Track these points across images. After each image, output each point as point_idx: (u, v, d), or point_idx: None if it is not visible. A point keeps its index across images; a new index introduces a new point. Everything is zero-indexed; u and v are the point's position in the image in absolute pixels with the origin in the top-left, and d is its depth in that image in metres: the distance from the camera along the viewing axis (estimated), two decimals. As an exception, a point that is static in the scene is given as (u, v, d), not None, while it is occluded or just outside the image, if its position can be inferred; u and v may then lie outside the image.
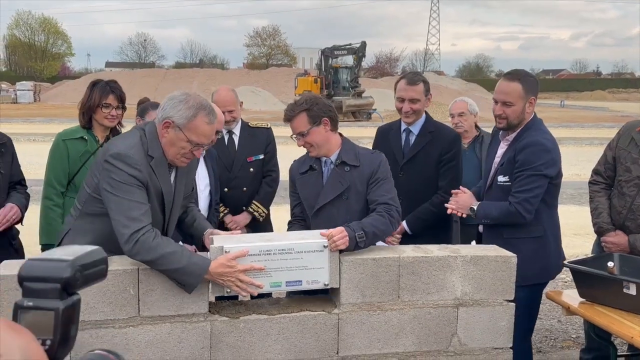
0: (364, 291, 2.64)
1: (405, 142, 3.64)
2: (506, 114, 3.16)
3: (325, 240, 2.58)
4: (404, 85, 3.59)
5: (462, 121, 4.67)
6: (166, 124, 2.48)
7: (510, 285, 2.75)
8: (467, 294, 2.73)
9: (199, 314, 2.51)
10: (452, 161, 3.57)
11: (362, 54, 33.28)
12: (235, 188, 4.03)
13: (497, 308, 2.75)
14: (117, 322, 2.44)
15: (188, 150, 2.51)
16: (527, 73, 3.27)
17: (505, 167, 3.19)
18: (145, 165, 2.46)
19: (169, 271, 2.39)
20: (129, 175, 2.40)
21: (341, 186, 2.91)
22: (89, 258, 0.99)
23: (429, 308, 2.71)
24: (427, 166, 3.55)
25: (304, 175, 3.03)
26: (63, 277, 0.93)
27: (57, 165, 3.42)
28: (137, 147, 2.48)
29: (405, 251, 2.75)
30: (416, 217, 3.51)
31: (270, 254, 2.53)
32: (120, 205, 2.39)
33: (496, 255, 2.75)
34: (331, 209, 2.92)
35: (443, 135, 3.61)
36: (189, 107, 2.47)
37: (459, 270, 2.71)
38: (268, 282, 2.53)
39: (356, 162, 2.92)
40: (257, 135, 4.12)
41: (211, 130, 2.54)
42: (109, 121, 3.49)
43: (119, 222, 2.39)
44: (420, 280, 2.68)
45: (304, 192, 3.01)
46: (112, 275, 2.41)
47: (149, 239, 2.36)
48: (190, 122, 2.46)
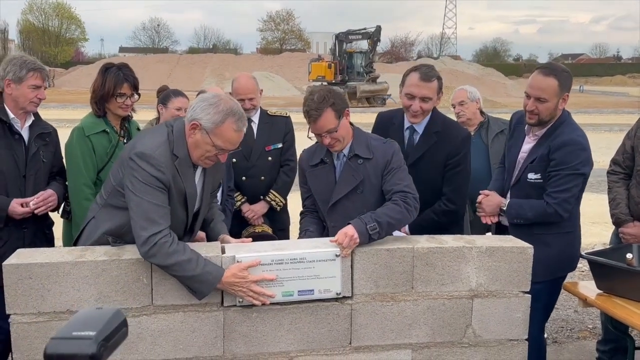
0: (377, 282, 2.64)
1: (409, 141, 3.30)
2: (539, 110, 3.08)
3: (337, 249, 2.57)
4: (416, 80, 3.18)
5: (463, 110, 4.64)
6: (193, 125, 2.46)
7: (526, 276, 2.73)
8: (482, 285, 2.71)
9: (212, 303, 2.52)
10: (459, 166, 3.23)
11: (377, 39, 33.07)
12: (253, 177, 4.03)
13: (512, 299, 2.74)
14: (130, 311, 2.46)
15: (213, 154, 2.49)
16: (563, 68, 3.16)
17: (537, 164, 3.13)
18: (170, 166, 2.45)
19: (183, 278, 2.40)
20: (151, 176, 2.40)
21: (355, 180, 2.87)
22: (111, 326, 1.02)
23: (443, 299, 2.70)
24: (432, 170, 3.21)
25: (314, 168, 2.98)
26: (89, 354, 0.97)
27: (89, 163, 3.31)
28: (163, 147, 2.46)
29: (420, 242, 2.74)
30: (418, 224, 3.16)
31: (282, 263, 2.54)
32: (140, 206, 2.39)
33: (512, 246, 2.73)
34: (346, 203, 2.88)
35: (451, 136, 3.25)
36: (219, 111, 2.44)
37: (474, 261, 2.69)
38: (280, 292, 2.54)
39: (369, 154, 2.88)
40: (276, 123, 4.10)
41: (238, 137, 2.49)
42: (123, 110, 3.41)
43: (137, 223, 2.39)
44: (435, 271, 2.67)
45: (316, 186, 2.97)
46: (126, 264, 2.43)
47: (166, 244, 2.36)
48: (218, 127, 2.43)
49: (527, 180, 3.18)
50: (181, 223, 2.62)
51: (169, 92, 4.00)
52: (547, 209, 3.07)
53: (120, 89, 3.35)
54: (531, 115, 3.13)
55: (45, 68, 3.31)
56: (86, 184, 3.29)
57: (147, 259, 2.39)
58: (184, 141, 2.50)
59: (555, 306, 4.89)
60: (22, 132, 3.21)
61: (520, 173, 3.23)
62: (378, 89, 32.04)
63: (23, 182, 3.18)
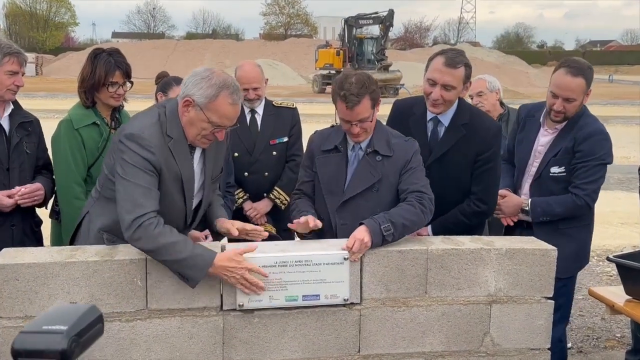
0: (388, 285, 2.64)
1: (433, 134, 3.19)
2: (566, 109, 3.21)
3: (345, 252, 2.58)
4: (440, 64, 3.06)
5: (482, 101, 4.60)
6: (186, 102, 2.48)
7: (549, 281, 2.73)
8: (502, 290, 2.71)
9: (210, 307, 2.54)
10: (489, 162, 3.12)
11: (390, 24, 33.01)
12: (256, 173, 4.02)
13: (534, 306, 2.74)
14: (124, 315, 2.47)
15: (209, 132, 2.50)
16: (587, 64, 3.27)
17: (561, 157, 3.24)
18: (161, 147, 2.47)
19: (170, 262, 2.40)
20: (140, 157, 2.43)
21: (372, 177, 2.83)
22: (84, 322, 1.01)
23: (459, 305, 2.70)
24: (459, 167, 3.12)
25: (326, 154, 2.94)
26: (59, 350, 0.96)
27: (79, 159, 3.27)
28: (154, 128, 2.49)
29: (434, 243, 2.74)
30: (443, 225, 3.13)
31: (286, 265, 2.54)
32: (126, 189, 2.42)
33: (534, 248, 2.73)
34: (360, 201, 2.85)
35: (481, 130, 3.13)
36: (211, 85, 2.45)
37: (493, 264, 2.69)
38: (283, 296, 2.55)
39: (389, 152, 2.85)
40: (282, 115, 4.09)
41: (234, 111, 2.51)
42: (115, 100, 3.37)
43: (123, 207, 2.42)
44: (450, 274, 2.67)
45: (324, 174, 2.93)
46: (119, 265, 2.44)
47: (151, 226, 2.37)
48: (212, 101, 2.45)
49: (549, 174, 3.26)
50: (179, 212, 2.62)
51: (170, 79, 3.96)
52: (577, 201, 3.19)
53: (112, 77, 3.30)
54: (558, 114, 3.23)
55: (23, 52, 3.29)
56: (76, 182, 3.26)
57: (133, 244, 2.41)
58: (178, 121, 2.52)
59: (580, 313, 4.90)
60: (1, 122, 3.20)
61: (542, 167, 3.29)
62: (390, 77, 31.96)
63: (7, 176, 3.19)
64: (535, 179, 3.32)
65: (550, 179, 3.26)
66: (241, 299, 2.52)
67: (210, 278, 2.48)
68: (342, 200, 2.86)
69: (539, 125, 3.39)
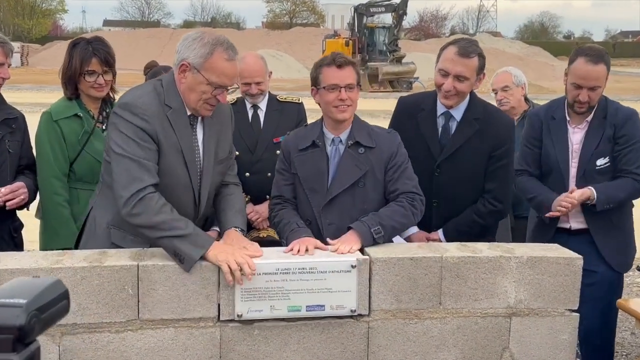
0: (399, 296, 2.64)
1: (444, 130, 3.23)
2: (591, 98, 3.33)
3: (353, 259, 2.59)
4: (452, 54, 3.12)
5: (507, 97, 4.57)
6: (183, 67, 2.56)
7: (574, 292, 2.73)
8: (522, 301, 2.71)
9: (207, 318, 2.54)
10: (504, 159, 3.20)
11: (403, 12, 32.96)
12: (258, 173, 4.02)
13: (557, 319, 2.73)
14: (114, 326, 2.49)
15: (210, 95, 2.57)
16: (603, 50, 3.47)
17: (603, 148, 3.40)
18: (158, 116, 2.55)
19: (169, 238, 2.45)
20: (134, 126, 2.50)
21: (359, 171, 2.89)
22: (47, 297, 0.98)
23: (476, 317, 2.70)
24: (473, 163, 3.17)
25: (304, 152, 2.97)
26: (17, 325, 0.92)
27: (58, 152, 3.28)
28: (149, 96, 2.57)
29: (449, 250, 2.74)
30: (456, 228, 3.19)
31: (289, 272, 2.55)
32: (121, 164, 2.49)
33: (558, 257, 2.73)
34: (345, 197, 2.90)
35: (495, 124, 3.20)
36: (204, 44, 2.54)
37: (513, 273, 2.69)
38: (286, 306, 2.56)
39: (371, 143, 2.92)
40: (287, 111, 4.08)
41: (232, 67, 2.58)
42: (96, 91, 3.34)
43: (118, 182, 2.49)
44: (467, 284, 2.68)
45: (304, 172, 2.95)
46: (108, 271, 2.46)
47: (153, 199, 2.46)
48: (207, 60, 2.53)
49: (595, 168, 3.40)
50: (186, 189, 2.65)
51: (159, 68, 3.97)
52: (635, 184, 3.37)
53: (88, 65, 3.29)
54: (582, 105, 3.36)
55: (8, 41, 3.30)
56: (55, 176, 3.27)
57: (131, 219, 2.47)
58: (176, 90, 2.60)
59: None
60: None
61: (584, 164, 3.42)
62: (404, 70, 31.93)
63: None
64: (579, 179, 3.42)
65: (597, 173, 3.40)
66: (240, 309, 2.53)
67: (206, 286, 2.49)
68: (328, 198, 2.90)
69: (565, 124, 3.48)
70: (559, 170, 3.47)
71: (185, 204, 2.65)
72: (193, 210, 2.70)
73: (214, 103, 2.61)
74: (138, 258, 2.52)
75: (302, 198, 2.98)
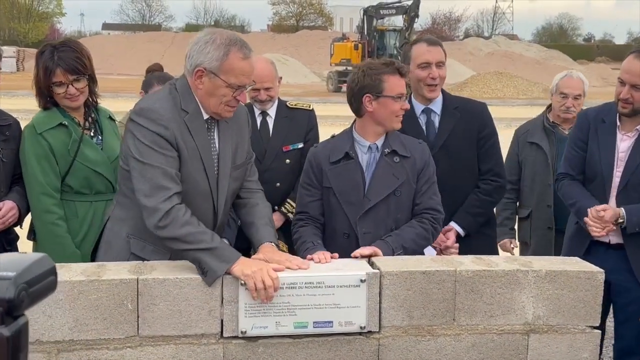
0: (410, 312, 2.64)
1: (428, 125, 3.55)
2: (634, 98, 3.27)
3: (362, 274, 2.60)
4: (425, 47, 3.56)
5: (576, 106, 4.39)
6: (198, 73, 2.59)
7: (595, 308, 2.72)
8: (541, 317, 2.70)
9: (209, 334, 2.55)
10: (491, 138, 3.57)
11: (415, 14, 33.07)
12: (266, 183, 3.98)
13: (578, 336, 2.72)
14: (112, 343, 2.49)
15: (231, 97, 2.61)
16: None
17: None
18: (176, 121, 2.59)
19: (195, 251, 2.48)
20: (153, 133, 2.53)
21: (396, 180, 3.00)
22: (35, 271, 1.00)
23: (492, 334, 2.69)
24: (464, 149, 3.50)
25: (336, 164, 3.03)
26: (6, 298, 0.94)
27: (46, 167, 3.18)
28: (166, 101, 2.62)
29: (464, 263, 2.74)
30: (469, 213, 3.49)
31: (295, 287, 2.55)
32: (144, 172, 2.53)
33: (578, 271, 2.72)
34: (381, 206, 2.99)
35: (473, 110, 3.61)
36: (218, 46, 2.57)
37: (531, 287, 2.68)
38: (292, 322, 2.56)
39: (407, 153, 3.04)
40: (297, 118, 4.07)
41: (249, 66, 2.63)
42: (70, 101, 3.24)
43: (142, 192, 2.52)
44: (482, 299, 2.67)
45: (340, 185, 3.01)
46: (107, 286, 2.46)
47: (180, 211, 2.50)
48: (223, 63, 2.56)
49: (639, 181, 3.32)
50: (205, 196, 2.68)
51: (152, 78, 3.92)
52: None
53: (54, 76, 3.20)
54: (625, 104, 3.31)
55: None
56: (45, 193, 3.18)
57: (157, 232, 2.51)
58: (192, 96, 2.64)
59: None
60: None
61: (627, 175, 3.35)
62: (415, 75, 31.93)
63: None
64: (621, 190, 3.37)
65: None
66: (244, 325, 2.53)
67: (209, 301, 2.50)
68: (366, 207, 2.97)
69: (614, 129, 3.42)
70: (602, 176, 3.42)
71: (205, 211, 2.69)
72: (212, 218, 2.74)
73: (235, 104, 2.66)
74: (138, 272, 2.53)
75: (337, 210, 3.04)
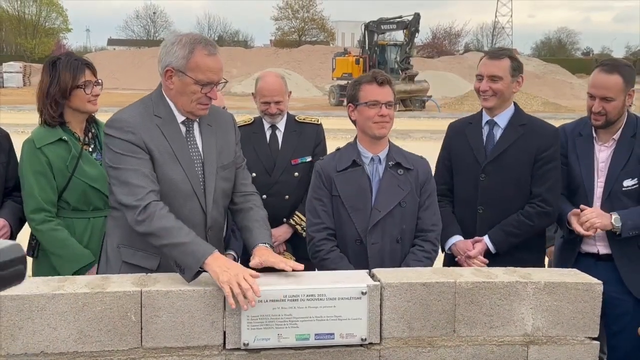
0: (411, 323, 2.64)
1: (489, 136, 3.52)
2: (606, 110, 3.33)
3: (363, 286, 2.60)
4: (484, 60, 3.54)
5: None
6: (168, 73, 2.68)
7: (594, 319, 2.72)
8: (540, 329, 2.70)
9: (212, 346, 2.55)
10: (552, 162, 3.41)
11: (415, 29, 33.15)
12: (275, 195, 4.03)
13: (577, 347, 2.72)
14: (116, 354, 2.49)
15: (201, 94, 2.66)
16: (624, 62, 3.49)
17: (632, 168, 3.36)
18: (145, 126, 2.65)
19: (170, 246, 2.51)
20: (122, 140, 2.61)
21: (402, 191, 3.08)
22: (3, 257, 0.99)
23: (491, 345, 2.69)
24: (518, 167, 3.41)
25: (344, 172, 3.10)
26: None
27: (43, 182, 3.18)
28: (134, 109, 2.71)
29: (463, 275, 2.74)
30: (504, 231, 3.40)
31: (297, 299, 2.55)
32: (119, 176, 2.60)
33: (577, 282, 2.72)
34: (387, 217, 3.06)
35: (539, 130, 3.47)
36: (183, 45, 2.65)
37: (530, 299, 2.68)
38: (294, 334, 2.56)
39: (410, 165, 3.13)
40: (305, 132, 4.14)
41: (215, 62, 2.67)
42: (92, 104, 3.27)
43: (119, 192, 2.60)
44: (482, 311, 2.67)
45: (347, 191, 3.08)
46: (111, 298, 2.47)
47: (157, 206, 2.55)
48: (190, 60, 2.63)
49: (622, 189, 3.36)
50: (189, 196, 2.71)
51: None
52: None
53: (83, 76, 3.24)
54: (598, 117, 3.36)
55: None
56: (40, 209, 3.18)
57: (137, 227, 2.55)
58: (165, 100, 2.72)
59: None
60: None
61: (610, 184, 3.38)
62: (416, 88, 32.04)
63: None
64: (606, 198, 3.40)
65: (624, 195, 3.37)
66: (246, 337, 2.53)
67: (211, 313, 2.50)
68: (376, 219, 3.04)
69: (592, 141, 3.48)
70: (584, 188, 3.46)
71: (192, 211, 2.73)
72: (202, 218, 2.77)
73: (207, 101, 2.71)
74: (141, 284, 2.54)
75: (345, 219, 3.09)
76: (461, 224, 3.54)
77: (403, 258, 3.10)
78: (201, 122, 2.81)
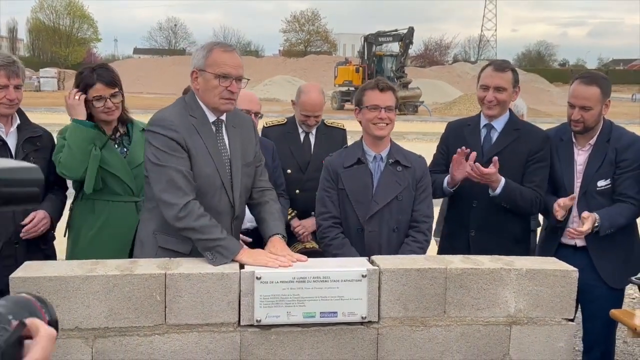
0: (406, 304, 2.64)
1: (486, 139, 3.50)
2: (584, 118, 3.33)
3: (364, 270, 2.61)
4: (490, 71, 3.46)
5: None
6: (193, 75, 2.73)
7: (570, 302, 2.72)
8: (522, 310, 2.70)
9: (228, 323, 2.55)
10: (542, 161, 3.41)
11: (410, 41, 33.06)
12: (307, 190, 4.04)
13: (554, 327, 2.72)
14: (142, 330, 2.50)
15: (222, 88, 2.67)
16: (602, 75, 3.49)
17: (605, 170, 3.35)
18: (185, 125, 2.67)
19: (210, 240, 2.57)
20: (166, 138, 2.62)
21: (399, 186, 3.09)
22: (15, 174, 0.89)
23: (478, 325, 2.69)
24: (512, 167, 3.36)
25: (350, 168, 3.14)
26: None
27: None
28: (175, 109, 2.74)
29: (453, 262, 2.74)
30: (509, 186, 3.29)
31: (305, 281, 2.57)
32: (161, 173, 2.61)
33: (555, 269, 2.71)
34: (385, 209, 3.09)
35: (532, 134, 3.47)
36: (203, 47, 2.74)
37: (513, 284, 2.68)
38: (301, 312, 2.57)
39: (408, 163, 3.15)
40: (333, 135, 4.21)
41: (231, 57, 2.70)
42: (107, 115, 3.20)
43: (161, 189, 2.60)
44: (469, 294, 2.67)
45: (351, 186, 3.11)
46: (138, 279, 2.47)
47: (196, 205, 2.59)
48: (208, 58, 2.68)
49: (596, 189, 3.36)
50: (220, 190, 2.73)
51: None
52: (633, 208, 3.32)
53: (94, 92, 3.16)
54: (577, 124, 3.36)
55: (15, 61, 3.13)
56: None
57: (176, 223, 2.59)
58: (198, 103, 2.75)
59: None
60: (6, 138, 3.12)
61: (586, 184, 3.38)
62: (410, 95, 31.94)
63: None
64: (581, 196, 3.40)
65: (597, 194, 3.36)
66: (259, 314, 2.54)
67: (228, 294, 2.51)
68: (374, 210, 3.07)
69: (571, 145, 3.47)
70: (564, 188, 3.46)
71: (223, 204, 2.75)
72: (230, 210, 2.79)
73: (229, 95, 2.70)
74: (166, 267, 2.54)
75: (349, 210, 3.14)
76: (456, 217, 3.54)
77: (399, 245, 3.10)
78: (228, 123, 2.82)
